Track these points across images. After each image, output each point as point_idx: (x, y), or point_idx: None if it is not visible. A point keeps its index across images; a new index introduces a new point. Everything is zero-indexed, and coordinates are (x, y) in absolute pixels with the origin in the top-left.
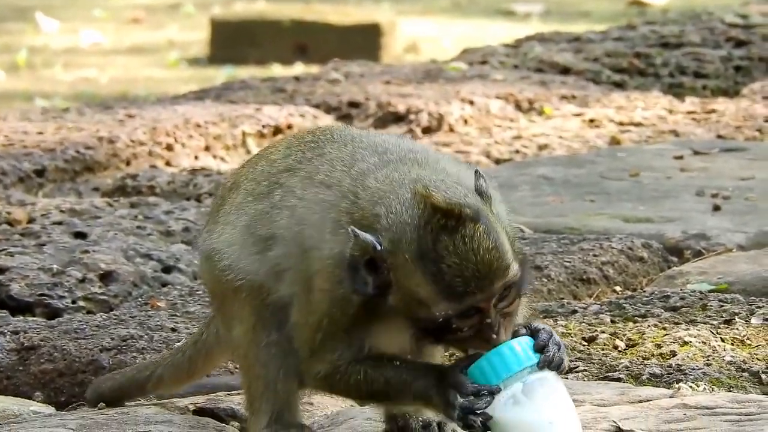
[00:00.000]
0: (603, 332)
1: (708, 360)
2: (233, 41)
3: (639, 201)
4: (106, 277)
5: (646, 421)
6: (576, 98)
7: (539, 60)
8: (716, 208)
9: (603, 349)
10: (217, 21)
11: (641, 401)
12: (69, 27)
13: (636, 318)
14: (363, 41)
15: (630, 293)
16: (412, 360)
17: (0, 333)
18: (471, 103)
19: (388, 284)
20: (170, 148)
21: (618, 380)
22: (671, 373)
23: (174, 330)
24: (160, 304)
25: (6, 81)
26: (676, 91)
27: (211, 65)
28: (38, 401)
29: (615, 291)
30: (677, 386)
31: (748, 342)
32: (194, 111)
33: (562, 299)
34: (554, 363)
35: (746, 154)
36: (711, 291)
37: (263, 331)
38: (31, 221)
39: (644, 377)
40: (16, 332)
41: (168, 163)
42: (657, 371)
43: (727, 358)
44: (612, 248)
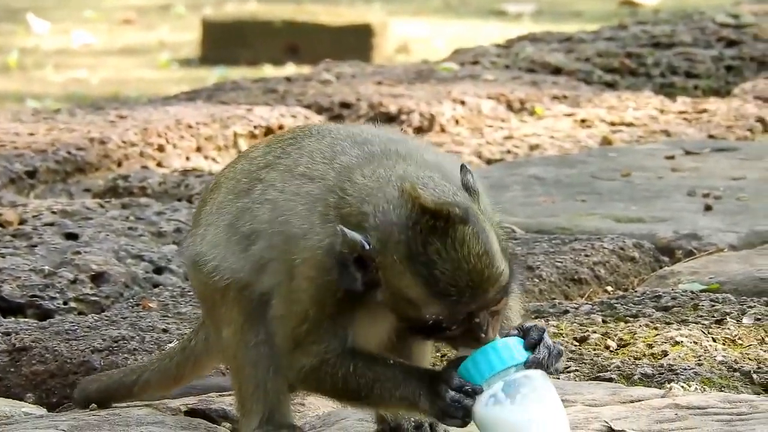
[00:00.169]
0: (594, 332)
1: (699, 360)
2: (224, 42)
3: (630, 201)
4: (98, 278)
5: (638, 421)
6: (567, 98)
7: (531, 60)
8: (707, 208)
9: (594, 350)
10: (209, 22)
11: (633, 401)
12: (60, 28)
13: (627, 318)
14: (354, 42)
15: (621, 293)
16: (402, 361)
17: None
18: (462, 104)
19: (377, 282)
20: (161, 149)
21: (609, 380)
22: (663, 373)
23: (165, 331)
24: (152, 305)
25: None
26: (668, 91)
27: (203, 66)
28: (30, 402)
29: (606, 291)
30: (669, 386)
31: (740, 342)
32: (185, 112)
33: (554, 299)
34: (543, 363)
35: (737, 154)
36: (702, 291)
37: (252, 331)
38: (23, 222)
39: (636, 377)
40: (8, 333)
41: (159, 164)
42: (648, 371)
43: (719, 358)
44: (603, 248)
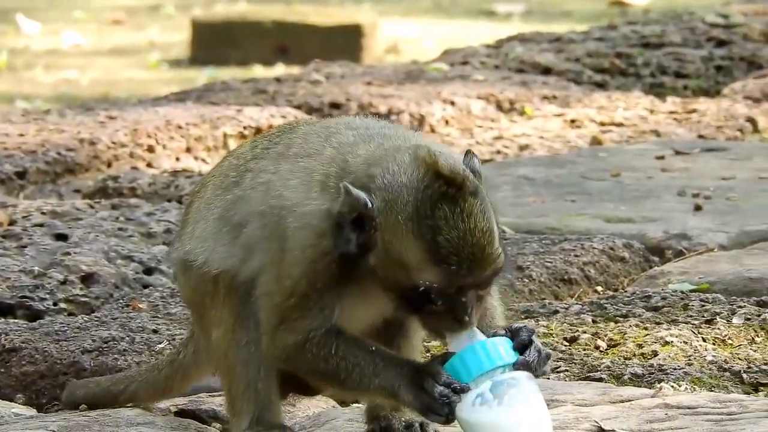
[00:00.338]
0: (584, 332)
1: (689, 360)
2: (214, 42)
3: (620, 201)
4: (88, 279)
5: (628, 421)
6: (557, 98)
7: (520, 60)
8: (697, 208)
9: (584, 350)
10: (198, 22)
11: (623, 401)
12: (50, 29)
13: (617, 318)
14: (344, 42)
15: (611, 293)
16: (386, 350)
17: None
18: (452, 104)
19: (373, 244)
20: (151, 150)
21: (599, 380)
22: (653, 373)
23: (156, 332)
24: (142, 306)
25: None
26: (658, 91)
27: (192, 66)
28: (20, 403)
29: (596, 291)
30: (659, 386)
31: (730, 342)
32: (175, 112)
33: (544, 299)
34: (532, 366)
35: (727, 154)
36: (692, 291)
37: (242, 330)
38: (12, 223)
39: (626, 377)
40: None
41: (149, 165)
42: (638, 371)
43: (709, 358)
44: (593, 248)
